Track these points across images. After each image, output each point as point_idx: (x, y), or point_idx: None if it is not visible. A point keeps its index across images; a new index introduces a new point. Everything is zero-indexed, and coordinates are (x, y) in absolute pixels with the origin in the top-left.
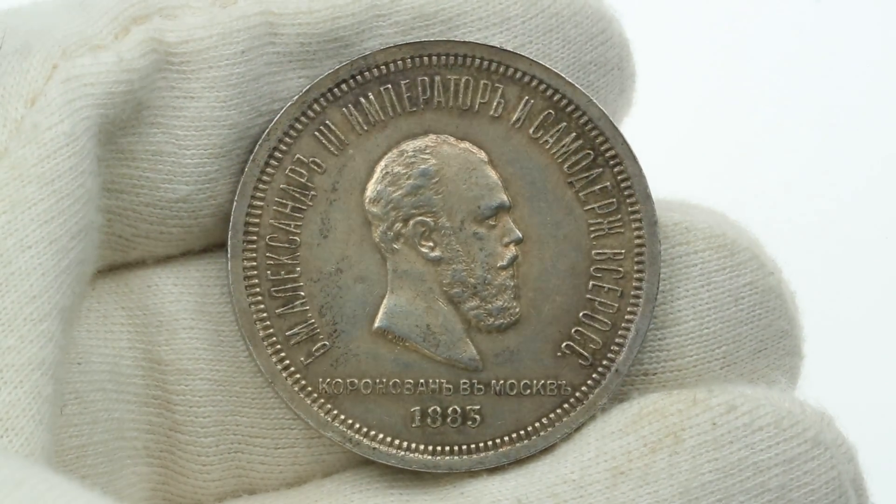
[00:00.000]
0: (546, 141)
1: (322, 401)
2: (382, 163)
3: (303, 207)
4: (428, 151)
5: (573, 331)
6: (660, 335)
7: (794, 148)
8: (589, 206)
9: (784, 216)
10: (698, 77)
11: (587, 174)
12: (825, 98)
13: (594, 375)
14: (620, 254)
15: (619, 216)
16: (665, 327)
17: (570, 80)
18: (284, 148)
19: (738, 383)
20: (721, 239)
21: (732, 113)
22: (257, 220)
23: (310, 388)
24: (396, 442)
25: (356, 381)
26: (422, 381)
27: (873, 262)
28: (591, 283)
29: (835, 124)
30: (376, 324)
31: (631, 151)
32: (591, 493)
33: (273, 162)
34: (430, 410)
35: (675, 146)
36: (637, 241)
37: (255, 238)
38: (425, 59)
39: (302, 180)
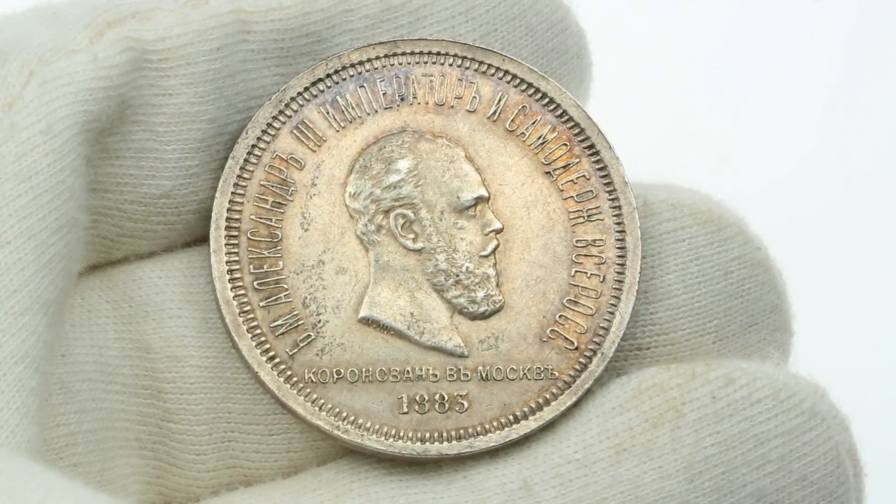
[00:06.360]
0: (522, 133)
1: (308, 390)
2: (361, 158)
3: (283, 202)
4: (406, 146)
5: (557, 316)
6: (651, 309)
7: (767, 133)
8: (567, 195)
9: (761, 203)
10: (672, 65)
11: (564, 164)
12: (800, 85)
13: (580, 359)
14: (601, 240)
15: (598, 204)
16: (656, 301)
17: (541, 74)
18: (263, 146)
19: (733, 358)
20: (707, 214)
21: (705, 100)
22: (238, 216)
23: (295, 378)
24: (385, 429)
25: (342, 370)
26: (408, 368)
27: (848, 245)
28: (573, 269)
29: (806, 106)
30: (361, 313)
31: (606, 140)
32: (595, 472)
33: (252, 159)
34: (416, 397)
35: (649, 134)
36: (616, 228)
37: (236, 233)
38: (399, 57)
39: (281, 176)
